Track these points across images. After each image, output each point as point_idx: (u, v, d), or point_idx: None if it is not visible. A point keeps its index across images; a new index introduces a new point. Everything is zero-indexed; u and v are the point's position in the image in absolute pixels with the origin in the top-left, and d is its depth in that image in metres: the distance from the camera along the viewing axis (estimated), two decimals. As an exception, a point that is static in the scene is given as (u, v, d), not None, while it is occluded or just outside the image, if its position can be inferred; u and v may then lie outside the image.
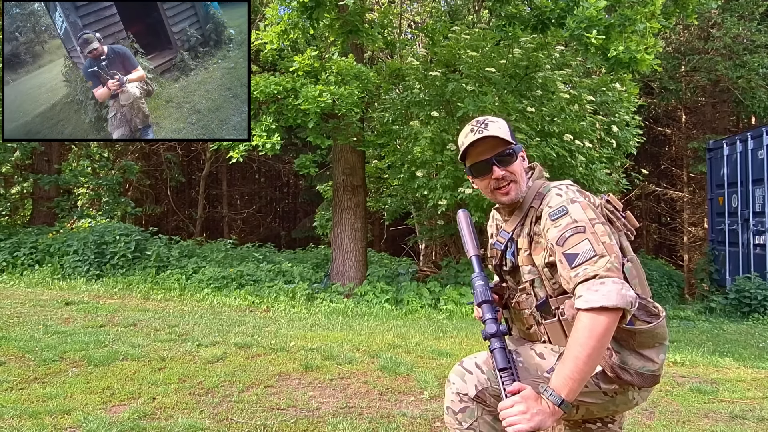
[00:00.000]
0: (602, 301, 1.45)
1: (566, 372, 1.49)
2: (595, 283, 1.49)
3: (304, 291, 7.60)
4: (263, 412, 3.19)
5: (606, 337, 1.48)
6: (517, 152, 1.75)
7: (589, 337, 1.46)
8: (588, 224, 1.58)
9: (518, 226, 1.77)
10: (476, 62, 7.48)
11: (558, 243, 1.58)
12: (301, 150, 13.44)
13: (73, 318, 5.55)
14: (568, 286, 1.57)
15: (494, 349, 1.56)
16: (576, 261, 1.53)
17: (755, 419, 3.39)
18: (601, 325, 1.46)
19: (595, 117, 8.43)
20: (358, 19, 7.33)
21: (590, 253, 1.53)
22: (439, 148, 7.35)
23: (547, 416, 1.48)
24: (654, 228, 17.61)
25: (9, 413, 2.99)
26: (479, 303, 1.69)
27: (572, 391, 1.49)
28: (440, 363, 4.36)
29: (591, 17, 5.69)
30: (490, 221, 1.98)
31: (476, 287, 1.72)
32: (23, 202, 13.32)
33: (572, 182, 1.76)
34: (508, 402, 1.50)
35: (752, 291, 8.50)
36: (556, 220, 1.61)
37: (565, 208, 1.61)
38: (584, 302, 1.48)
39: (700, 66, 13.64)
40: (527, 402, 1.49)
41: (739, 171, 9.66)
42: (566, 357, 1.51)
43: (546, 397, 1.49)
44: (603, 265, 1.51)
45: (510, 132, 1.76)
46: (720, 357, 5.12)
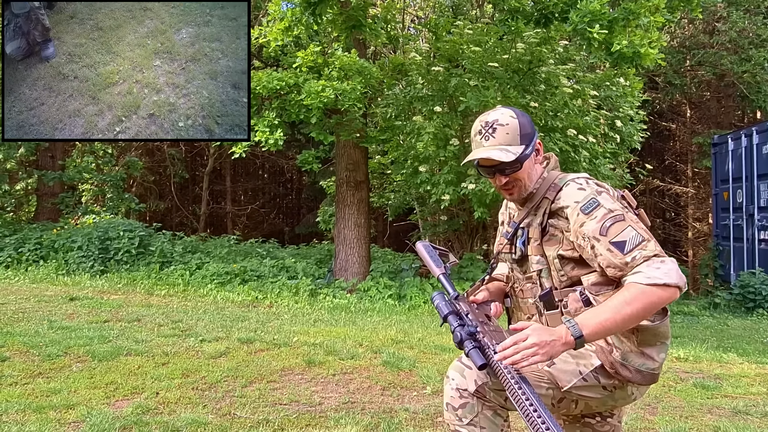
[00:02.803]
0: (665, 278, 1.49)
1: (599, 316, 1.50)
2: (656, 261, 1.52)
3: (307, 287, 7.61)
4: (266, 407, 3.20)
5: (654, 308, 1.51)
6: (522, 160, 1.70)
7: (639, 300, 1.49)
8: (623, 211, 1.60)
9: (529, 216, 1.76)
10: (479, 57, 7.45)
11: (601, 233, 1.58)
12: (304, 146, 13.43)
13: (77, 313, 5.57)
14: (621, 273, 1.56)
15: (469, 351, 1.55)
16: (627, 247, 1.55)
17: (759, 415, 3.38)
18: (656, 296, 1.49)
19: (599, 112, 8.39)
20: (361, 15, 7.30)
21: (638, 239, 1.55)
22: (442, 144, 7.33)
23: (559, 344, 1.47)
24: (658, 223, 17.53)
25: (13, 408, 3.01)
26: (444, 317, 1.69)
27: (594, 333, 1.49)
28: (443, 358, 4.37)
29: (594, 11, 5.66)
30: (503, 209, 1.98)
31: (437, 306, 1.74)
32: (28, 199, 13.37)
33: (588, 176, 1.75)
34: (522, 334, 1.47)
35: (757, 286, 8.46)
36: (590, 213, 1.61)
37: (596, 200, 1.62)
38: (646, 278, 1.50)
39: (705, 60, 13.55)
40: (540, 333, 1.47)
41: (744, 166, 9.61)
42: (606, 305, 1.52)
43: (568, 326, 1.49)
44: (654, 247, 1.55)
45: (520, 134, 1.71)
46: (724, 352, 5.11)
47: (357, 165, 8.46)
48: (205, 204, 16.20)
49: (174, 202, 16.81)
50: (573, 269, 1.68)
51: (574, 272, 1.68)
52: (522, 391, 1.44)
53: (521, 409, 1.44)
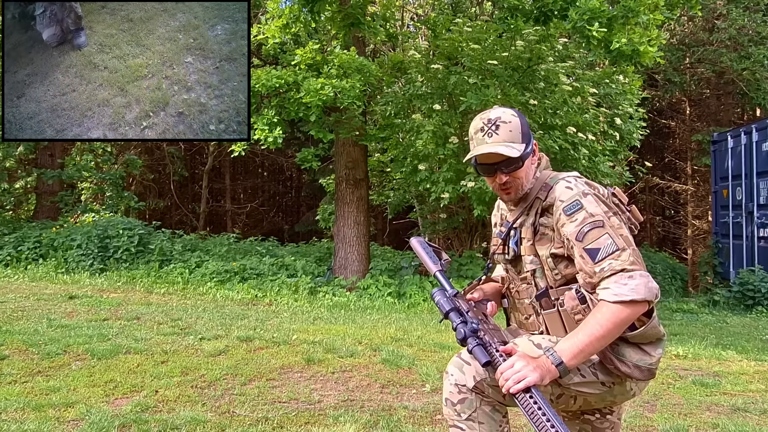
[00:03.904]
0: (632, 294, 1.50)
1: (575, 342, 1.53)
2: (623, 277, 1.53)
3: (306, 285, 7.61)
4: (265, 405, 3.21)
5: (625, 325, 1.54)
6: (525, 158, 1.71)
7: (609, 320, 1.51)
8: (604, 217, 1.60)
9: (522, 216, 1.77)
10: (478, 55, 7.44)
11: (577, 239, 1.60)
12: (303, 144, 13.42)
13: (76, 312, 5.57)
14: (590, 281, 1.60)
15: (472, 349, 1.57)
16: (599, 256, 1.57)
17: (757, 412, 3.39)
18: (625, 314, 1.52)
19: (599, 109, 8.39)
20: (360, 12, 7.29)
21: (612, 248, 1.56)
22: (441, 142, 7.33)
23: (545, 372, 1.50)
24: (658, 221, 17.54)
25: (13, 406, 3.01)
26: (446, 314, 1.69)
27: (573, 359, 1.52)
28: (442, 356, 4.37)
29: (594, 9, 5.65)
30: (495, 210, 1.99)
31: (438, 302, 1.73)
32: (27, 197, 13.36)
33: (579, 174, 1.76)
34: (509, 362, 1.51)
35: (756, 284, 8.47)
36: (571, 215, 1.62)
37: (579, 202, 1.63)
38: (612, 295, 1.52)
39: (704, 58, 13.54)
40: (525, 358, 1.51)
41: (744, 163, 9.61)
42: (580, 330, 1.55)
43: (548, 355, 1.52)
44: (627, 258, 1.55)
45: (521, 132, 1.72)
46: (723, 350, 5.11)
47: (356, 163, 8.45)
48: (204, 202, 16.20)
49: (173, 201, 16.81)
50: (567, 267, 1.69)
51: (568, 270, 1.68)
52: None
53: (526, 408, 1.46)
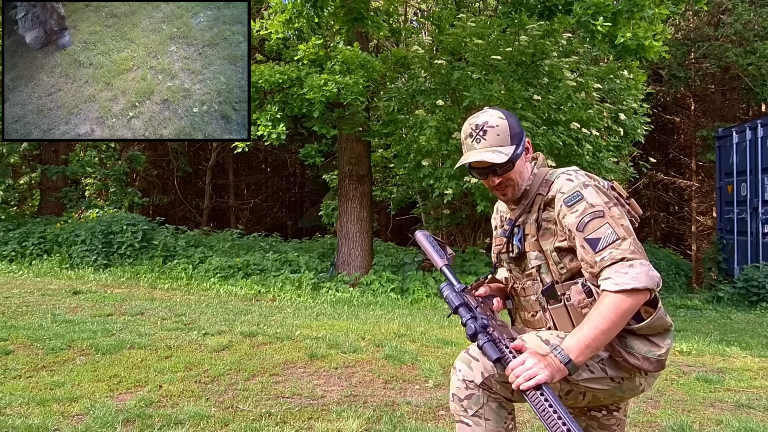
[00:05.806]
0: (633, 283, 1.51)
1: (581, 337, 1.53)
2: (624, 266, 1.54)
3: (310, 280, 7.62)
4: (268, 400, 3.21)
5: (629, 315, 1.54)
6: (515, 160, 1.72)
7: (613, 311, 1.52)
8: (605, 208, 1.61)
9: (524, 213, 1.78)
10: (482, 50, 7.41)
11: (578, 229, 1.61)
12: (306, 140, 13.42)
13: (80, 307, 5.59)
14: (591, 270, 1.60)
15: (482, 345, 1.56)
16: (600, 245, 1.58)
17: (762, 408, 3.38)
18: (628, 303, 1.52)
19: (603, 105, 8.35)
20: (362, 7, 7.26)
21: (613, 237, 1.57)
22: (444, 137, 7.31)
23: (555, 371, 1.50)
24: (662, 217, 17.48)
25: (17, 401, 3.03)
26: (455, 309, 1.69)
27: (581, 355, 1.53)
28: (445, 352, 4.37)
29: (598, 3, 5.61)
30: (494, 214, 2.01)
31: (446, 297, 1.73)
32: (31, 193, 13.41)
33: (578, 168, 1.76)
34: (519, 359, 1.51)
35: (760, 280, 8.44)
36: (572, 206, 1.64)
37: (579, 193, 1.64)
38: (614, 284, 1.53)
39: (709, 53, 13.45)
40: (536, 356, 1.51)
41: (749, 159, 9.56)
42: (585, 324, 1.55)
43: (555, 354, 1.52)
44: (627, 247, 1.56)
45: (510, 134, 1.73)
46: (727, 346, 5.10)
47: (359, 159, 8.45)
48: (208, 198, 16.21)
49: (177, 196, 16.83)
50: (572, 261, 1.69)
51: (573, 264, 1.69)
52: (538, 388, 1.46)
53: (537, 406, 1.45)
